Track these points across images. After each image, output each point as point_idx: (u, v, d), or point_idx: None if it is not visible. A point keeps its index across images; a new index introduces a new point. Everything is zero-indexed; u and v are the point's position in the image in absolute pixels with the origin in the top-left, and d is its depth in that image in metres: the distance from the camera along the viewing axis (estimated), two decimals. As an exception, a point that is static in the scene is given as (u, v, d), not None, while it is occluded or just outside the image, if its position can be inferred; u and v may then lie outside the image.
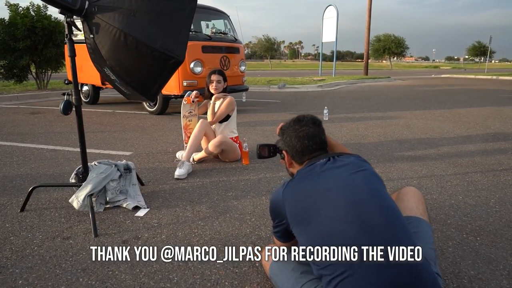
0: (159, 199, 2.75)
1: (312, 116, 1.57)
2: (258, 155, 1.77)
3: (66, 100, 2.31)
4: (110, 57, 2.28)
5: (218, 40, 6.86)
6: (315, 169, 1.41)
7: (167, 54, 2.23)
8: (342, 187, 1.31)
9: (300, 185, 1.39)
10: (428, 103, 8.86)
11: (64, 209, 2.54)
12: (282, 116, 6.77)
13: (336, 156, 1.46)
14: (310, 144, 1.51)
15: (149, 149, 4.25)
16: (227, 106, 3.62)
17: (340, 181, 1.33)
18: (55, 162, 3.73)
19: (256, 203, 2.67)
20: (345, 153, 1.51)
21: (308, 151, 1.51)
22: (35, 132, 5.20)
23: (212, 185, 3.05)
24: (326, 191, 1.31)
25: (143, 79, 2.38)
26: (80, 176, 2.47)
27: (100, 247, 1.95)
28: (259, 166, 3.58)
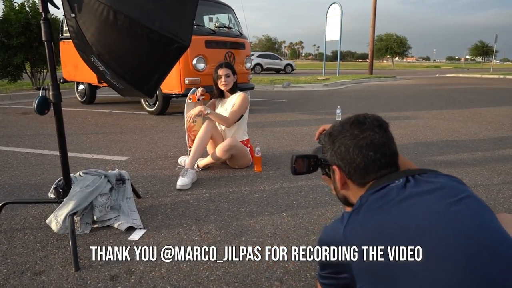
0: (158, 216, 2.28)
1: (376, 117, 1.10)
2: (293, 170, 1.29)
3: (42, 97, 1.84)
4: (97, 42, 1.81)
5: (222, 34, 6.39)
6: (389, 195, 0.94)
7: (168, 37, 1.76)
8: (443, 228, 0.83)
9: (372, 222, 0.91)
10: (443, 103, 8.39)
11: (42, 230, 2.07)
12: (291, 116, 6.30)
13: (416, 175, 0.99)
14: (377, 158, 1.03)
15: (148, 154, 3.79)
16: (241, 102, 3.14)
17: (438, 217, 0.85)
18: (40, 169, 3.26)
19: (276, 222, 2.20)
20: (428, 170, 1.04)
21: (375, 167, 1.04)
22: (23, 134, 4.73)
23: (221, 198, 2.58)
24: (417, 234, 0.84)
25: (139, 69, 1.92)
26: (60, 190, 2.00)
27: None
28: (274, 174, 3.11)
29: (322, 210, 2.36)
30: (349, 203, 1.18)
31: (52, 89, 1.84)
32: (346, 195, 1.15)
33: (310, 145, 4.16)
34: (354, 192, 1.10)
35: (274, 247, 1.88)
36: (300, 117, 6.31)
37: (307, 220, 2.22)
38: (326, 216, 2.27)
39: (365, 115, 1.10)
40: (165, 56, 1.87)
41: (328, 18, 19.55)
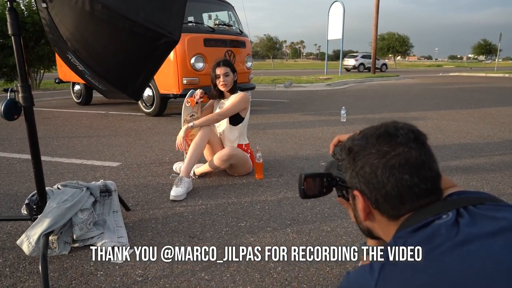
0: (148, 232, 2.04)
1: (410, 127, 0.84)
2: (302, 193, 1.02)
3: (10, 100, 1.60)
4: (72, 36, 1.57)
5: (222, 32, 6.14)
6: (437, 237, 0.68)
7: (154, 31, 1.51)
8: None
9: (417, 279, 0.65)
10: (450, 102, 8.12)
11: (15, 250, 1.83)
12: (294, 118, 6.05)
13: (470, 207, 0.75)
14: (415, 183, 0.78)
15: (142, 159, 3.54)
16: (239, 102, 2.89)
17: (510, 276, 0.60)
18: (24, 176, 3.02)
19: (280, 239, 1.95)
20: (484, 198, 0.79)
21: (412, 195, 0.78)
22: (12, 138, 4.50)
23: (218, 210, 2.33)
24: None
25: (122, 68, 1.67)
26: (33, 206, 1.75)
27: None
28: (277, 182, 2.86)
29: (331, 225, 2.11)
30: (375, 236, 0.94)
31: (21, 91, 1.60)
32: (371, 228, 0.90)
33: (315, 148, 3.91)
34: (383, 225, 0.85)
35: (278, 269, 1.63)
36: (303, 118, 6.05)
37: (315, 237, 1.97)
38: (335, 233, 2.02)
39: (395, 124, 0.84)
40: (151, 53, 1.62)
41: (330, 16, 19.26)
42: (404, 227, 0.78)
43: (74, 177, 2.99)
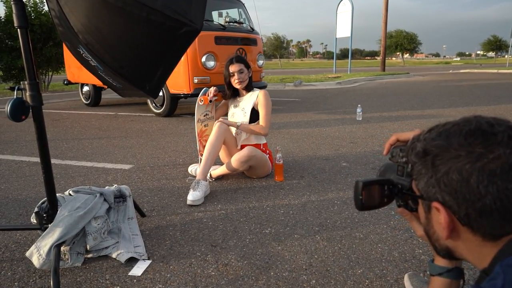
0: (166, 241, 1.89)
1: (507, 123, 0.67)
2: (359, 204, 0.84)
3: (17, 99, 1.46)
4: (84, 27, 1.42)
5: (233, 30, 5.98)
6: None
7: (174, 19, 1.36)
8: None
9: None
10: (467, 99, 7.88)
11: (24, 262, 1.69)
12: (307, 116, 5.88)
13: None
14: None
15: (154, 161, 3.40)
16: (267, 100, 2.77)
17: None
18: (33, 180, 2.89)
19: (309, 248, 1.79)
20: None
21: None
22: (21, 140, 4.39)
23: (240, 216, 2.18)
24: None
25: (138, 62, 1.52)
26: (43, 215, 1.61)
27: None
28: (298, 184, 2.70)
29: (363, 232, 1.94)
30: (454, 256, 0.77)
31: (29, 89, 1.46)
32: (453, 248, 0.74)
33: (334, 148, 3.74)
34: (473, 246, 0.68)
35: (312, 282, 1.47)
36: (317, 117, 5.88)
37: (348, 245, 1.80)
38: (369, 240, 1.85)
39: (489, 120, 0.68)
40: (171, 44, 1.47)
41: (338, 14, 19.02)
42: (508, 249, 0.61)
43: (86, 181, 2.86)
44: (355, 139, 4.13)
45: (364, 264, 1.63)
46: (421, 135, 0.77)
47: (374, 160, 3.27)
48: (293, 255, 1.72)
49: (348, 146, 3.83)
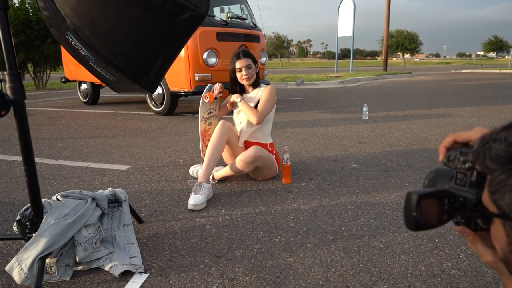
0: (165, 251, 1.71)
1: None
2: (414, 223, 0.64)
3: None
4: (73, 11, 1.24)
5: (235, 26, 5.80)
6: None
7: (175, 2, 1.18)
8: None
9: None
10: (474, 99, 7.70)
11: (5, 276, 1.51)
12: (311, 116, 5.70)
13: None
14: None
15: (153, 161, 3.22)
16: (271, 95, 2.57)
17: None
18: (24, 182, 2.70)
19: (325, 260, 1.61)
20: None
21: None
22: (14, 139, 4.21)
23: (246, 222, 2.00)
24: None
25: (134, 51, 1.34)
26: (27, 224, 1.43)
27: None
28: (307, 187, 2.52)
29: (383, 241, 1.77)
30: None
31: (9, 81, 1.28)
32: None
33: (341, 148, 3.56)
34: None
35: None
36: (322, 116, 5.70)
37: (367, 257, 1.63)
38: (391, 251, 1.67)
39: None
40: (172, 31, 1.28)
41: (340, 13, 18.83)
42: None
43: (80, 182, 2.68)
44: (363, 139, 3.95)
45: (388, 280, 1.45)
46: (495, 133, 0.59)
47: (386, 161, 3.09)
48: (307, 268, 1.54)
49: (356, 146, 3.65)
